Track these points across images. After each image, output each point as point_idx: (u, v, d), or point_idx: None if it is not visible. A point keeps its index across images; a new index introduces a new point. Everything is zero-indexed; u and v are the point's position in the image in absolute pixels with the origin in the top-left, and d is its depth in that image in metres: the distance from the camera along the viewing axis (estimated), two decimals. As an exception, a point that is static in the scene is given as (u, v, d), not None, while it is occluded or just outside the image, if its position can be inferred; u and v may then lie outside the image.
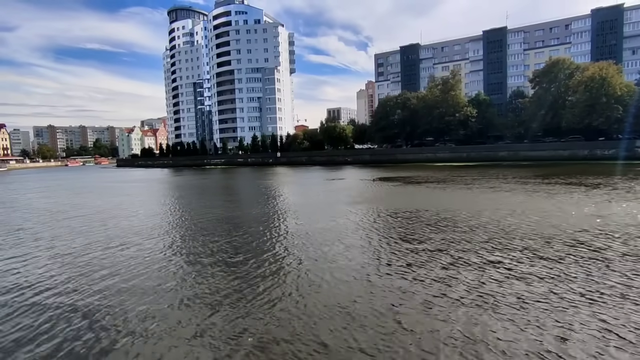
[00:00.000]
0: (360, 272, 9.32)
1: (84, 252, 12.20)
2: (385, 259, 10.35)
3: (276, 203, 23.21)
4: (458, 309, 7.03)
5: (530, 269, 9.05)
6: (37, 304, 8.00)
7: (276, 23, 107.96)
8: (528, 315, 6.65)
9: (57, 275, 9.92)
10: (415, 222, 15.01)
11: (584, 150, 53.34)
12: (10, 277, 9.95)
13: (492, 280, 8.40)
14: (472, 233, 12.75)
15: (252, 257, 10.87)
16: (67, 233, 15.46)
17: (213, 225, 16.06)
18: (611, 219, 14.05)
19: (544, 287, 7.86)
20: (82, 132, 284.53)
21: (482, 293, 7.69)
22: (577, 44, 78.52)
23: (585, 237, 11.66)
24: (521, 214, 15.61)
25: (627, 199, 18.72)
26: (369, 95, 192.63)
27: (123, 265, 10.53)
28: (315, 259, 10.52)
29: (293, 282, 8.78)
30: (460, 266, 9.42)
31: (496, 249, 10.74)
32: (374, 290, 8.09)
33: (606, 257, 9.71)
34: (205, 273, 9.66)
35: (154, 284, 8.96)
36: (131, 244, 12.95)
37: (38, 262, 11.30)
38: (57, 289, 8.84)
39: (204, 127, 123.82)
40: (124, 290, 8.61)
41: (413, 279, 8.65)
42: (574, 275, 8.50)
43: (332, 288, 8.34)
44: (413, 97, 74.79)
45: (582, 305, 6.97)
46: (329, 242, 12.32)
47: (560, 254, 10.11)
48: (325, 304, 7.46)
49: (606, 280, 8.13)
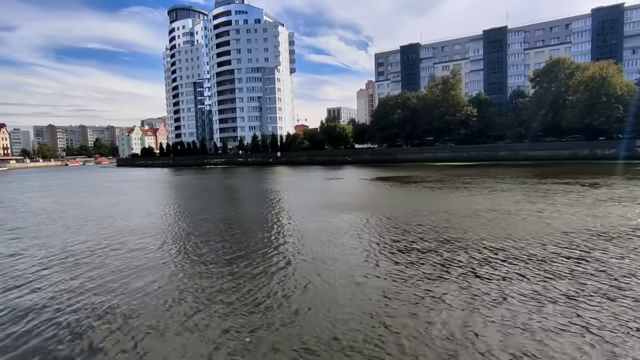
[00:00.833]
0: (349, 272, 9.26)
1: (75, 250, 12.17)
2: (373, 259, 10.30)
3: (271, 203, 23.16)
4: (442, 310, 6.97)
5: (519, 270, 8.97)
6: (24, 304, 7.95)
7: (276, 23, 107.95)
8: (512, 316, 6.59)
9: (46, 273, 9.89)
10: (404, 223, 14.93)
11: (584, 150, 53.19)
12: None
13: (481, 280, 8.33)
14: (461, 232, 12.69)
15: (244, 256, 10.82)
16: (60, 232, 15.44)
17: (207, 225, 16.01)
18: (606, 220, 13.96)
19: (530, 288, 7.79)
20: (82, 132, 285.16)
21: (468, 293, 7.63)
22: (578, 43, 78.31)
23: (576, 238, 11.57)
24: (514, 214, 15.54)
25: (621, 199, 18.61)
26: (369, 95, 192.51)
27: (116, 263, 10.49)
28: (304, 259, 10.47)
29: (281, 282, 8.73)
30: (445, 266, 9.35)
31: (486, 249, 10.67)
32: (362, 290, 8.04)
33: (596, 258, 9.64)
34: (195, 271, 9.62)
35: (142, 282, 8.92)
36: (126, 243, 12.91)
37: (28, 260, 11.27)
38: (45, 288, 8.81)
39: (204, 127, 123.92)
40: (113, 289, 8.57)
41: (399, 279, 8.60)
42: (559, 277, 8.43)
43: (319, 288, 8.29)
44: (413, 96, 74.69)
45: (567, 306, 6.90)
46: (323, 241, 12.26)
47: (547, 254, 10.04)
48: (311, 304, 7.40)
49: (589, 282, 8.06)
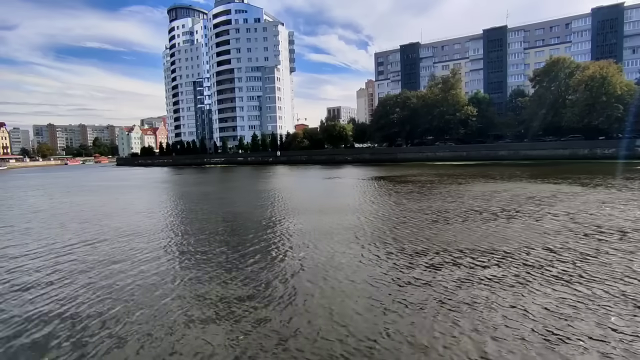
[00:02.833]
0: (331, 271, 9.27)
1: (64, 250, 12.11)
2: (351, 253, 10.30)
3: (265, 203, 23.15)
4: (420, 312, 6.97)
5: (497, 272, 8.99)
6: (11, 304, 7.95)
7: (276, 22, 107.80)
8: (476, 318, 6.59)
9: (31, 272, 9.87)
10: (386, 220, 14.95)
11: (584, 149, 53.32)
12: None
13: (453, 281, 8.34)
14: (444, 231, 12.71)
15: (238, 255, 10.83)
16: (47, 230, 15.40)
17: (200, 223, 16.00)
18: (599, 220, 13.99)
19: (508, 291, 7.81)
20: (82, 131, 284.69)
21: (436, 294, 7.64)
22: (578, 42, 78.44)
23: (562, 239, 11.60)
24: (502, 213, 15.56)
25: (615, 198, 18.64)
26: (369, 94, 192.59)
27: (109, 263, 10.47)
28: (285, 256, 10.48)
29: (266, 277, 8.74)
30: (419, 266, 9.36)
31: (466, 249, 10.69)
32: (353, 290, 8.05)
33: (571, 259, 9.66)
34: (186, 269, 9.62)
35: (134, 281, 8.91)
36: (121, 242, 12.88)
37: (14, 260, 11.25)
38: (33, 287, 8.79)
39: (203, 126, 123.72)
40: (102, 287, 8.56)
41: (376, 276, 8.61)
42: (534, 280, 8.44)
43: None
44: (413, 96, 74.72)
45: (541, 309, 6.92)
46: (317, 238, 12.27)
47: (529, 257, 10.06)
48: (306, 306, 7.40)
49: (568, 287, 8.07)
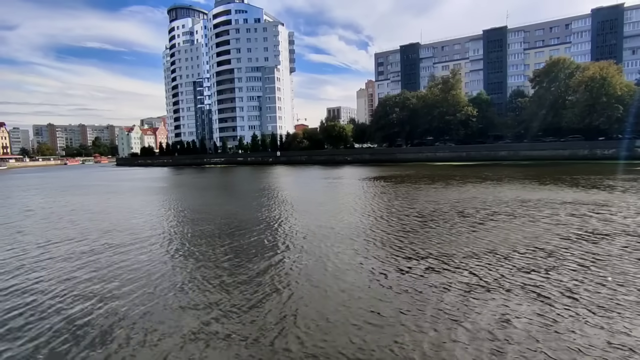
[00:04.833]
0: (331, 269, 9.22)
1: (56, 249, 12.09)
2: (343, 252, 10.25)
3: (260, 203, 23.10)
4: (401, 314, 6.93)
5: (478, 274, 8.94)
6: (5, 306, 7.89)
7: (276, 22, 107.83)
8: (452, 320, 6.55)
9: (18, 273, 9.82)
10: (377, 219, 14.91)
11: (584, 150, 53.29)
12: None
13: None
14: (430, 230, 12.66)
15: (234, 255, 10.78)
16: (39, 230, 15.35)
17: (196, 222, 15.95)
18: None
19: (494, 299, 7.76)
20: (81, 131, 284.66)
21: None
22: (577, 43, 78.48)
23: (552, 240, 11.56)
24: (491, 214, 15.52)
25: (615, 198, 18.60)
26: (369, 95, 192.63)
27: (108, 265, 10.42)
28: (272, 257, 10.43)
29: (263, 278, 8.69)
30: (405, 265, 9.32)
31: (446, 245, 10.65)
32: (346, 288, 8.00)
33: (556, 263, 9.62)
34: (182, 268, 9.57)
35: (129, 279, 8.86)
36: (118, 242, 12.84)
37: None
38: (20, 287, 8.74)
39: (203, 126, 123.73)
40: (98, 288, 8.51)
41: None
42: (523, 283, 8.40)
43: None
44: (413, 96, 74.71)
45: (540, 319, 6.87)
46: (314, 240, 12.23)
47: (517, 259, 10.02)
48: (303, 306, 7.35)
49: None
